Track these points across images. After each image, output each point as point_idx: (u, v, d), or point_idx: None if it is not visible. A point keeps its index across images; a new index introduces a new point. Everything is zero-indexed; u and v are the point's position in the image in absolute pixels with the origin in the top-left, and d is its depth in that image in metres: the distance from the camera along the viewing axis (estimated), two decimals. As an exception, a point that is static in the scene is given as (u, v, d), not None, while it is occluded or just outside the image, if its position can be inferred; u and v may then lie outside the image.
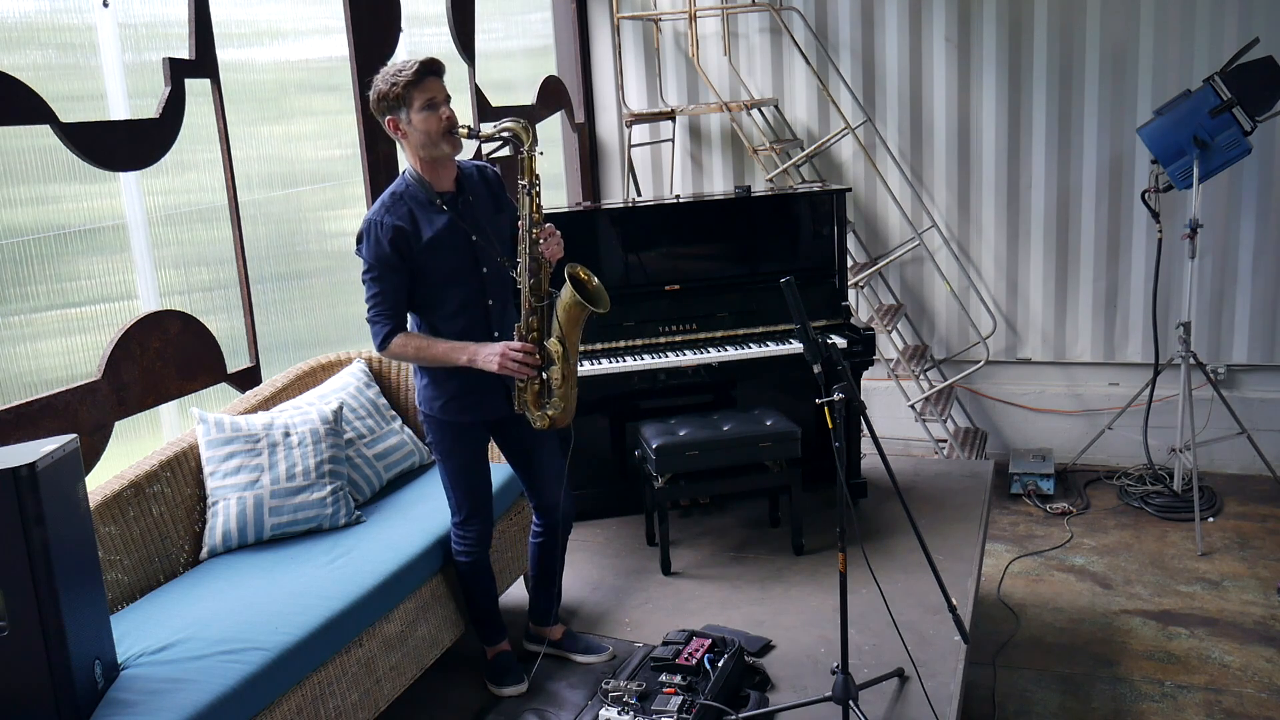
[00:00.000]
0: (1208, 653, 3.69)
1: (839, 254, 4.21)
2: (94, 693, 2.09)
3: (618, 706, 2.56)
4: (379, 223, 2.65)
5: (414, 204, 2.69)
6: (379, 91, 2.62)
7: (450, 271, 2.72)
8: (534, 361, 2.67)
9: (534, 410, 2.75)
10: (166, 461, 2.86)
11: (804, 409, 3.95)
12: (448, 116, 2.64)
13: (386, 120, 2.66)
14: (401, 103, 2.61)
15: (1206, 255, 5.16)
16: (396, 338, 2.69)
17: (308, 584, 2.60)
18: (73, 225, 3.01)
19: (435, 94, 2.62)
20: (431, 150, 2.66)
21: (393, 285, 2.67)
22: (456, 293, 2.75)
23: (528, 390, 2.73)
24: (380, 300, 2.68)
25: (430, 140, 2.64)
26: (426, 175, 2.71)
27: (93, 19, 3.08)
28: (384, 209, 2.67)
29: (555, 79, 5.69)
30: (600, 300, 2.66)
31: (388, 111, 2.64)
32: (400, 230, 2.65)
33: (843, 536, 2.54)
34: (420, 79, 2.60)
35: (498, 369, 2.65)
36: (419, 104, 2.60)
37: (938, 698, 2.68)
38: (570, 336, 2.68)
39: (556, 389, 2.70)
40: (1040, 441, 5.56)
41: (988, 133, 5.43)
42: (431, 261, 2.69)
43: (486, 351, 2.66)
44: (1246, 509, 4.87)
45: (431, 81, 2.62)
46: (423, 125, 2.62)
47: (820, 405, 2.51)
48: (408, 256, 2.66)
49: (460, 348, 2.69)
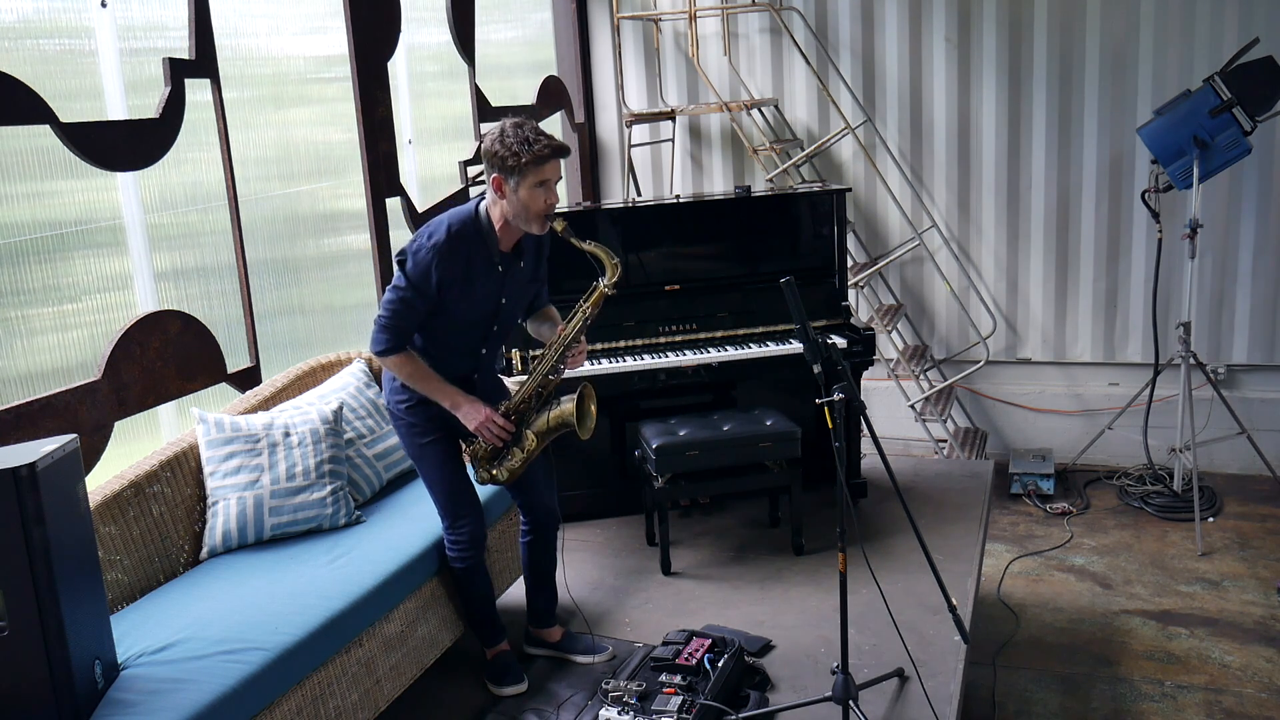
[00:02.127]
0: (1208, 653, 3.69)
1: (839, 254, 4.21)
2: (94, 693, 2.09)
3: (618, 706, 2.56)
4: (439, 258, 2.66)
5: (473, 251, 2.71)
6: (501, 154, 2.61)
7: (469, 322, 2.80)
8: (506, 439, 2.82)
9: (483, 463, 2.87)
10: (166, 461, 2.86)
11: (804, 409, 3.95)
12: (552, 203, 2.68)
13: (494, 177, 2.66)
14: (518, 172, 2.61)
15: (1206, 255, 5.16)
16: (398, 355, 2.73)
17: (308, 584, 2.60)
18: (69, 222, 3.01)
19: (552, 177, 2.65)
20: (521, 223, 2.70)
21: (416, 310, 2.71)
22: (462, 337, 2.83)
23: (485, 449, 2.85)
24: (398, 317, 2.70)
25: (526, 217, 2.67)
26: (499, 233, 2.73)
27: (91, 19, 3.08)
28: (449, 246, 2.67)
29: (555, 79, 5.69)
30: (587, 429, 2.83)
31: (501, 171, 2.63)
32: (452, 274, 2.68)
33: (843, 536, 2.54)
34: (546, 162, 2.62)
35: (473, 429, 2.77)
36: (533, 181, 2.62)
37: (938, 698, 2.68)
38: (544, 439, 2.85)
39: (508, 464, 2.85)
40: (1040, 441, 5.56)
41: (988, 133, 5.43)
42: (458, 307, 2.74)
43: (471, 410, 2.76)
44: (1246, 509, 4.87)
45: (554, 165, 2.64)
46: (527, 200, 2.64)
47: (820, 405, 2.51)
48: (442, 296, 2.71)
49: (450, 393, 2.77)
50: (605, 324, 3.97)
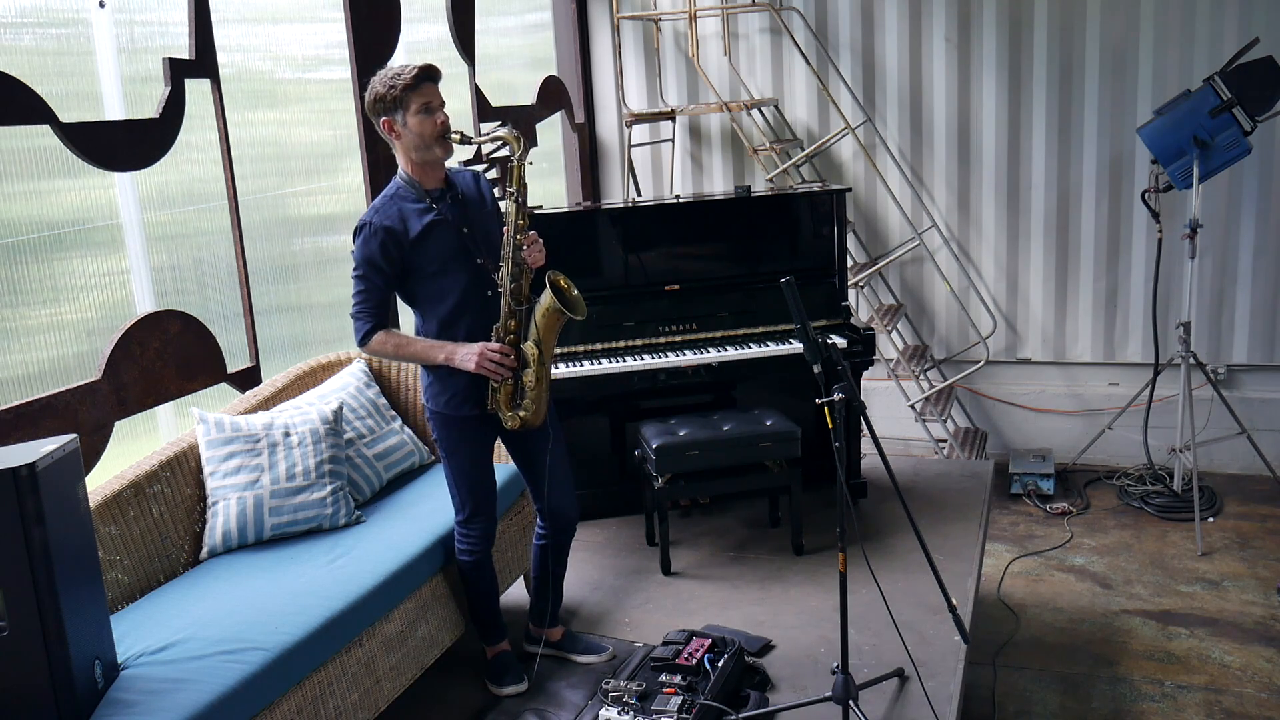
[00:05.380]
0: (1208, 653, 3.69)
1: (839, 254, 4.21)
2: (94, 693, 2.09)
3: (618, 706, 2.56)
4: (370, 224, 2.71)
5: (404, 203, 2.74)
6: (376, 93, 2.68)
7: (441, 263, 2.76)
8: (510, 363, 2.74)
9: (506, 410, 2.80)
10: (166, 461, 2.86)
11: (804, 409, 3.95)
12: (442, 121, 2.70)
13: (382, 121, 2.71)
14: (398, 105, 2.66)
15: (1206, 255, 5.16)
16: (377, 335, 2.75)
17: (308, 584, 2.60)
18: (67, 221, 3.00)
19: (431, 99, 2.68)
20: (424, 153, 2.72)
21: (377, 285, 2.73)
22: (453, 284, 2.78)
23: (501, 390, 2.79)
24: (364, 298, 2.74)
25: (424, 143, 2.70)
26: (417, 176, 2.77)
27: (89, 18, 3.08)
28: (376, 210, 2.73)
29: (555, 79, 5.69)
30: (578, 309, 2.76)
31: (384, 113, 2.69)
32: (389, 230, 2.70)
33: (843, 536, 2.54)
34: (418, 84, 2.66)
35: (474, 368, 2.71)
36: (415, 107, 2.66)
37: (938, 698, 2.68)
38: (546, 341, 2.77)
39: (529, 390, 2.78)
40: (1040, 441, 5.56)
41: (988, 133, 5.43)
42: (422, 255, 2.74)
43: (464, 351, 2.72)
44: (1246, 509, 4.87)
45: (429, 86, 2.68)
46: (418, 128, 2.68)
47: (820, 405, 2.51)
48: (396, 258, 2.71)
49: (438, 346, 2.75)
50: (605, 324, 3.98)
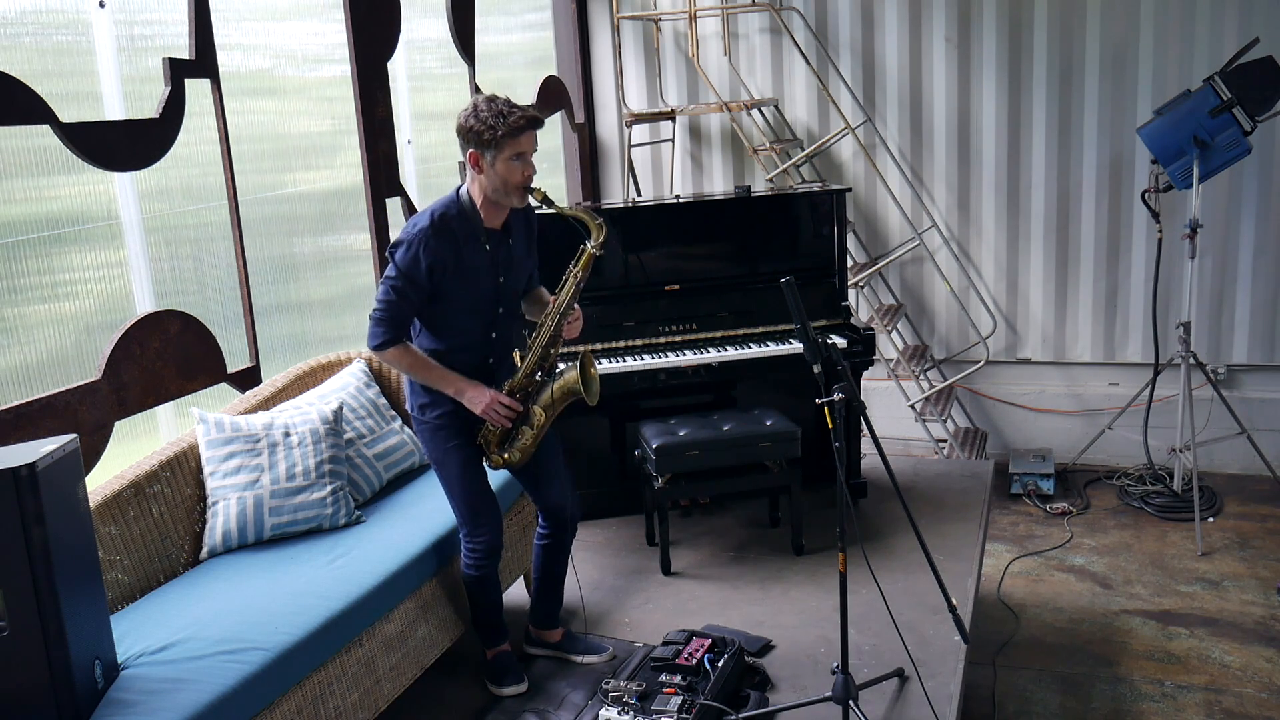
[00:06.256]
0: (1208, 653, 3.69)
1: (839, 254, 4.21)
2: (94, 693, 2.09)
3: (618, 706, 2.56)
4: (425, 243, 2.66)
5: (460, 233, 2.71)
6: (475, 127, 2.62)
7: (470, 304, 2.78)
8: (514, 418, 2.79)
9: (493, 450, 2.85)
10: (166, 461, 2.85)
11: (804, 409, 3.95)
12: (529, 174, 2.67)
13: (470, 152, 2.66)
14: (494, 146, 2.61)
15: (1206, 255, 5.16)
16: (395, 348, 2.73)
17: (308, 584, 2.60)
18: (66, 221, 3.00)
19: (528, 149, 2.65)
20: (501, 197, 2.70)
21: (410, 300, 2.71)
22: (469, 323, 2.81)
23: (495, 433, 2.83)
24: (393, 309, 2.71)
25: (505, 190, 2.68)
26: (481, 210, 2.74)
27: (89, 18, 3.08)
28: (434, 230, 2.68)
29: (555, 79, 5.69)
30: (593, 393, 2.80)
31: (476, 146, 2.64)
32: (442, 258, 2.67)
33: (843, 536, 2.54)
34: (521, 133, 2.62)
35: (480, 413, 2.76)
36: (509, 153, 2.63)
37: (938, 698, 2.68)
38: (555, 409, 2.83)
39: (520, 442, 2.84)
40: (1040, 441, 5.56)
41: (988, 133, 5.43)
42: (457, 291, 2.73)
43: (475, 394, 2.75)
44: (1246, 509, 4.87)
45: (530, 136, 2.65)
46: (504, 173, 2.65)
47: (820, 405, 2.51)
48: (436, 282, 2.70)
49: (452, 379, 2.76)
50: (605, 324, 3.98)
